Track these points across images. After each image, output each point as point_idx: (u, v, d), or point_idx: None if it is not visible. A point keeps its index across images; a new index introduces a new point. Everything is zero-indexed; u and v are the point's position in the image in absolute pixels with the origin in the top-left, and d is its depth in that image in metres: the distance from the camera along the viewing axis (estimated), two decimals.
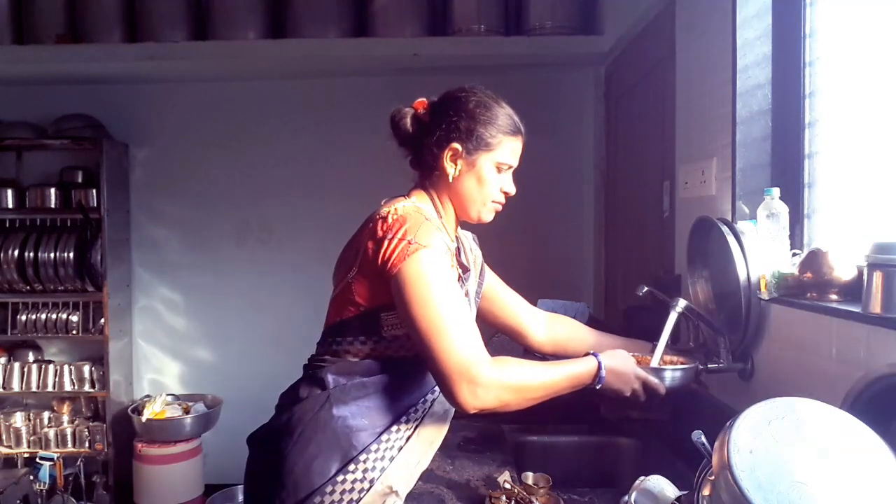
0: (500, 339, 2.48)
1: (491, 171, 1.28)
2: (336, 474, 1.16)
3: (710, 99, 1.82)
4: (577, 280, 3.42)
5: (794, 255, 1.44)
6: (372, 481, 1.18)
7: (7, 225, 3.37)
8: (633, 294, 1.70)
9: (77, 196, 3.32)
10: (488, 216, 1.33)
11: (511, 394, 1.13)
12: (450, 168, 1.27)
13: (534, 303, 2.53)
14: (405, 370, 1.23)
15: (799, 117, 1.57)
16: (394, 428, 1.23)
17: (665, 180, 2.21)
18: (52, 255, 3.25)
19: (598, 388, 1.26)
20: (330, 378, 1.22)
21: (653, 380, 1.34)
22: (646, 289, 1.63)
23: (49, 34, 3.19)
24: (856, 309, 1.16)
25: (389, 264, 1.14)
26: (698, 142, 1.92)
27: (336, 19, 3.16)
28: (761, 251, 1.43)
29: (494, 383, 1.10)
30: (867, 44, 1.38)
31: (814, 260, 1.31)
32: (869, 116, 1.38)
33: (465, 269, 1.30)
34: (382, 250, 1.15)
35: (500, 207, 1.34)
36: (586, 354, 1.29)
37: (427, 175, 1.31)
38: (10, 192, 3.36)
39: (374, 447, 1.20)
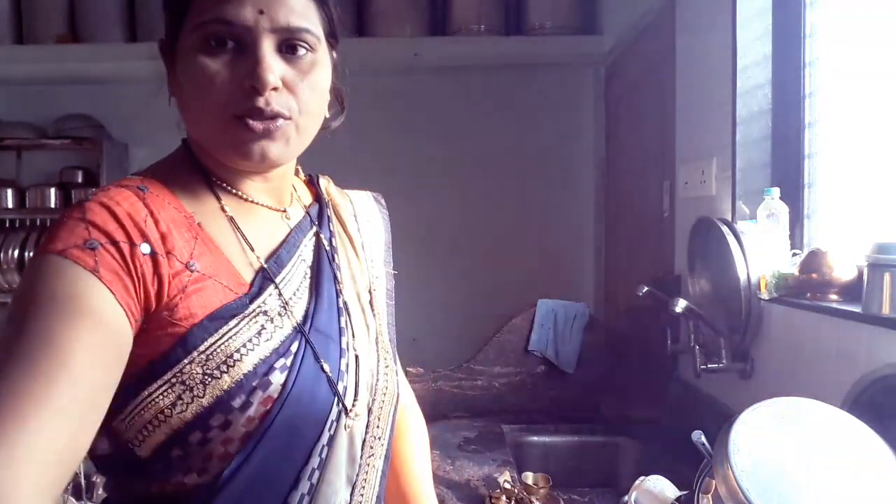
0: (501, 338, 2.48)
1: (199, 48, 0.69)
2: None
3: (710, 99, 1.82)
4: (577, 280, 3.42)
5: (794, 255, 1.44)
6: None
7: (7, 225, 3.36)
8: (633, 294, 1.70)
9: (77, 196, 3.32)
10: (241, 146, 0.69)
11: None
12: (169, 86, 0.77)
13: (534, 303, 2.53)
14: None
15: (799, 117, 1.57)
16: None
17: (665, 180, 2.20)
18: None
19: None
20: None
21: None
22: (646, 289, 1.64)
23: (49, 34, 3.19)
24: (856, 309, 1.16)
25: None
26: (698, 142, 1.92)
27: None
28: (761, 251, 1.43)
29: None
30: (867, 44, 1.38)
31: (814, 260, 1.31)
32: (868, 116, 1.38)
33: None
34: None
35: (269, 113, 0.68)
36: None
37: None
38: (10, 192, 3.35)
39: None
